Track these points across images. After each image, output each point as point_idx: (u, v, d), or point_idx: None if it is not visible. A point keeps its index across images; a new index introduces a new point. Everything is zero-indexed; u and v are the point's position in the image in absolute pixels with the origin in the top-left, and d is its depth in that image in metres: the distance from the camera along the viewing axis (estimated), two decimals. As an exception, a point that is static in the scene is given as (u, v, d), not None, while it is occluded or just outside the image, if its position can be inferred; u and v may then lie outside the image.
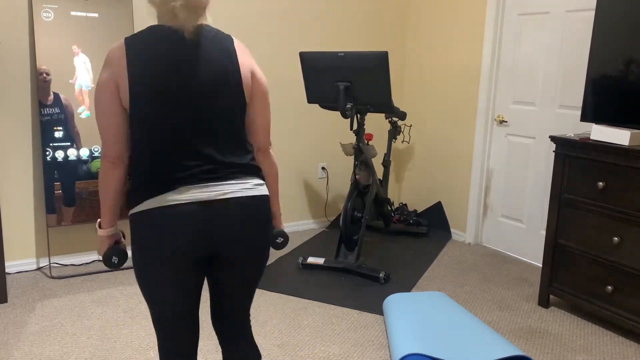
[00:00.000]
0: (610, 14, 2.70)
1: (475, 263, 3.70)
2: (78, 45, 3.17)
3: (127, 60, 1.37)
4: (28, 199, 3.26)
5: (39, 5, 3.06)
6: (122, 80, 1.37)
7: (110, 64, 1.40)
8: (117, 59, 1.39)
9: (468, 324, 2.61)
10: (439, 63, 4.28)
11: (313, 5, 4.08)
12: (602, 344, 2.65)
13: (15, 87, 3.14)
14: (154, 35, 1.40)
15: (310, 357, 2.44)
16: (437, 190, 4.39)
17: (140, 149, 1.42)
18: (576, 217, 2.83)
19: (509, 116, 3.81)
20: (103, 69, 1.41)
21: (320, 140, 4.32)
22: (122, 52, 1.39)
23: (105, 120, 1.41)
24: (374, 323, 2.79)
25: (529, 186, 3.71)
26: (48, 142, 3.13)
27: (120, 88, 1.38)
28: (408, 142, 4.60)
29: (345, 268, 3.39)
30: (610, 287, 2.67)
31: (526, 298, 3.16)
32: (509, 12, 3.75)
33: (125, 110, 1.41)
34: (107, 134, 1.42)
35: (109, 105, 1.40)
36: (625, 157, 2.58)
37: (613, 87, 2.71)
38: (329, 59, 3.21)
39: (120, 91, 1.38)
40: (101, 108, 1.41)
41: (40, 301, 2.91)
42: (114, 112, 1.40)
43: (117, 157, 1.43)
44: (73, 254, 3.43)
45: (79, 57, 3.18)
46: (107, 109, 1.40)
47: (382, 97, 3.20)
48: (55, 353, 2.41)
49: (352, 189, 3.50)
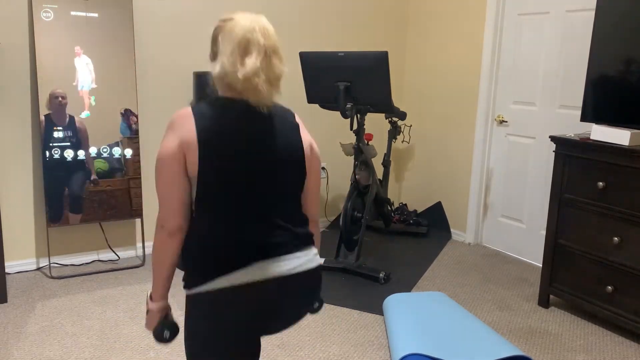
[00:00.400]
0: (610, 14, 2.70)
1: (475, 263, 3.70)
2: (80, 46, 3.17)
3: (197, 128, 1.30)
4: (28, 199, 3.26)
5: (39, 5, 3.06)
6: (190, 146, 1.29)
7: (178, 131, 1.31)
8: (186, 126, 1.31)
9: (468, 324, 2.61)
10: (439, 63, 4.28)
11: (313, 5, 4.08)
12: (602, 344, 2.65)
13: (15, 87, 3.14)
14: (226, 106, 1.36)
15: (310, 357, 2.44)
16: (437, 190, 4.39)
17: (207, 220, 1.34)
18: (576, 217, 2.83)
19: (509, 116, 3.81)
20: (168, 135, 1.32)
21: (320, 140, 4.32)
22: (191, 120, 1.31)
23: (169, 190, 1.32)
24: (374, 323, 2.79)
25: (529, 186, 3.71)
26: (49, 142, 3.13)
27: (188, 154, 1.30)
28: (408, 142, 4.60)
29: (345, 268, 3.39)
30: (610, 287, 2.67)
31: (526, 298, 3.16)
32: (509, 12, 3.75)
33: (189, 180, 1.33)
34: (168, 205, 1.33)
35: (175, 174, 1.31)
36: (625, 157, 2.58)
37: (613, 87, 2.71)
38: (329, 59, 3.21)
39: (187, 158, 1.31)
40: (165, 177, 1.32)
41: (40, 301, 2.91)
42: (179, 182, 1.32)
43: (177, 229, 1.35)
44: (73, 254, 3.43)
45: (80, 58, 3.18)
46: (172, 178, 1.31)
47: (382, 97, 3.20)
48: (55, 353, 2.41)
49: (352, 189, 3.50)
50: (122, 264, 3.45)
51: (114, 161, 3.32)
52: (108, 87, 3.27)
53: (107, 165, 3.30)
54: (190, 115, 1.33)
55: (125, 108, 3.33)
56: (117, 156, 3.33)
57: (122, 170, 3.35)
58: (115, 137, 3.31)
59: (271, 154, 1.37)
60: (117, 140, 3.32)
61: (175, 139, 1.31)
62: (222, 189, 1.32)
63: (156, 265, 1.39)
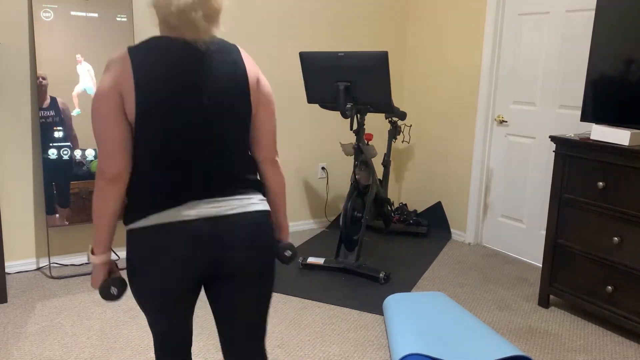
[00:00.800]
0: (610, 14, 2.70)
1: (475, 263, 3.70)
2: (81, 53, 3.17)
3: (133, 69, 1.26)
4: (28, 199, 3.26)
5: (39, 5, 3.06)
6: (127, 89, 1.26)
7: (114, 72, 1.28)
8: (122, 67, 1.27)
9: (468, 324, 2.61)
10: (439, 63, 4.28)
11: (313, 6, 4.08)
12: (602, 344, 2.65)
13: (15, 87, 3.14)
14: (162, 45, 1.31)
15: (310, 357, 2.44)
16: (437, 190, 4.39)
17: (145, 162, 1.32)
18: (576, 217, 2.83)
19: (509, 116, 3.81)
20: (104, 77, 1.29)
21: (320, 140, 4.32)
22: (127, 61, 1.28)
23: (106, 133, 1.28)
24: (374, 323, 2.79)
25: (529, 186, 3.71)
26: (48, 142, 3.13)
27: (125, 98, 1.27)
28: (408, 142, 4.60)
29: (345, 268, 3.39)
30: (610, 287, 2.67)
31: (526, 298, 3.15)
32: (509, 12, 3.75)
33: (128, 123, 1.30)
34: (107, 149, 1.29)
35: (111, 116, 1.27)
36: (625, 157, 2.58)
37: (613, 87, 2.71)
38: (329, 59, 3.21)
39: (124, 101, 1.27)
40: (101, 120, 1.28)
41: (40, 301, 2.91)
42: (117, 124, 1.28)
43: (118, 175, 1.30)
44: (73, 254, 3.43)
45: (82, 65, 3.18)
46: (108, 120, 1.27)
47: (382, 97, 3.20)
48: (55, 353, 2.41)
49: (352, 189, 3.50)
50: (122, 264, 3.45)
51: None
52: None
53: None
54: (126, 57, 1.28)
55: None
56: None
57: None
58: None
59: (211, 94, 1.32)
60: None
61: (111, 80, 1.27)
62: (160, 132, 1.30)
63: (97, 216, 1.34)
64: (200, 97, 1.32)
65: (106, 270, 1.41)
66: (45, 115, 3.13)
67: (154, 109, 1.28)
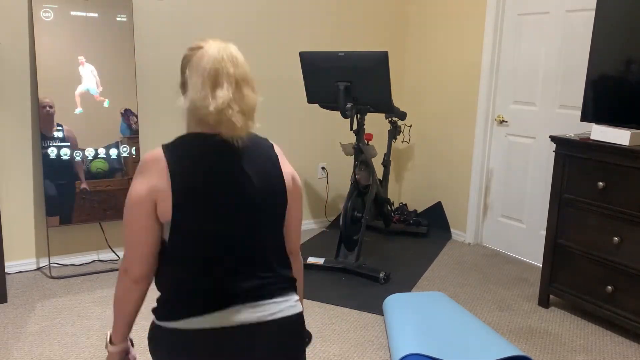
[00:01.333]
0: (610, 14, 2.70)
1: (475, 263, 3.70)
2: (81, 53, 3.17)
3: (170, 173, 1.24)
4: (28, 199, 3.26)
5: (39, 5, 3.06)
6: (163, 195, 1.24)
7: (149, 177, 1.26)
8: (157, 171, 1.25)
9: (468, 324, 2.61)
10: (439, 63, 4.28)
11: (313, 5, 4.08)
12: (602, 344, 2.65)
13: (15, 87, 3.14)
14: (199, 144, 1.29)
15: (310, 357, 2.44)
16: (437, 191, 4.39)
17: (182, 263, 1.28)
18: (576, 217, 2.83)
19: (509, 116, 3.81)
20: (138, 181, 1.26)
21: (320, 140, 4.32)
22: (163, 163, 1.25)
23: (138, 236, 1.27)
24: (374, 323, 2.79)
25: (529, 186, 3.71)
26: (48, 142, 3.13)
27: (160, 202, 1.25)
28: (408, 142, 4.60)
29: (345, 268, 3.39)
30: (610, 287, 2.67)
31: (526, 298, 3.16)
32: (509, 12, 3.75)
33: (159, 225, 1.27)
34: (134, 251, 1.28)
35: (144, 222, 1.25)
36: (625, 157, 2.58)
37: (613, 87, 2.71)
38: (329, 59, 3.21)
39: (158, 205, 1.25)
40: (133, 225, 1.26)
41: (40, 301, 2.91)
42: (148, 229, 1.26)
43: (144, 277, 1.29)
44: (73, 254, 3.43)
45: (85, 66, 3.19)
46: (140, 226, 1.26)
47: (382, 97, 3.20)
48: (55, 353, 2.41)
49: (352, 189, 3.50)
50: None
51: (113, 161, 3.32)
52: (108, 87, 3.27)
53: (107, 165, 3.30)
54: (161, 158, 1.26)
55: (125, 108, 3.33)
56: (117, 156, 3.33)
57: (122, 170, 3.35)
58: (115, 137, 3.31)
59: (249, 193, 1.30)
60: (117, 140, 3.32)
61: (146, 185, 1.25)
62: (198, 234, 1.27)
63: (118, 311, 1.34)
64: (239, 197, 1.29)
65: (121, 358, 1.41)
66: (52, 145, 3.14)
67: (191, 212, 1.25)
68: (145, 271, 1.29)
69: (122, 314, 1.35)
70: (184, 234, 1.26)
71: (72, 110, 3.19)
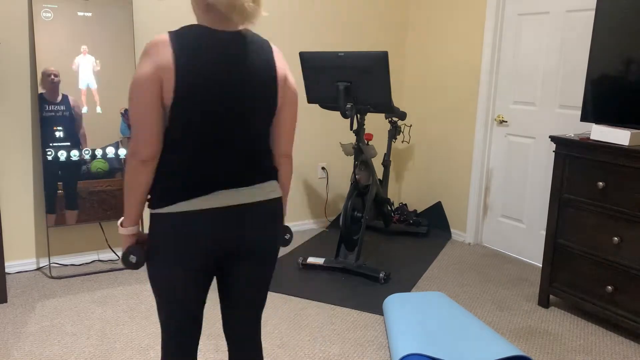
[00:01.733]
0: (610, 14, 2.70)
1: (475, 263, 3.70)
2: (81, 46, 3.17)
3: (174, 54, 1.29)
4: (28, 199, 3.26)
5: (39, 5, 3.06)
6: (167, 75, 1.29)
7: (155, 56, 1.29)
8: (162, 51, 1.29)
9: (468, 324, 2.61)
10: (439, 63, 4.28)
11: (313, 6, 4.08)
12: (602, 344, 2.65)
13: (15, 87, 3.14)
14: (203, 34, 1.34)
15: (310, 357, 2.44)
16: (437, 190, 4.39)
17: (179, 148, 1.37)
18: (576, 217, 2.83)
19: (509, 116, 3.81)
20: (144, 61, 1.31)
21: (320, 140, 4.32)
22: (168, 45, 1.30)
23: (143, 116, 1.31)
24: (374, 323, 2.79)
25: (529, 186, 3.71)
26: (49, 142, 3.14)
27: (164, 83, 1.30)
28: (408, 142, 4.60)
29: (345, 268, 3.39)
30: (610, 287, 2.67)
31: (526, 298, 3.16)
32: (509, 12, 3.75)
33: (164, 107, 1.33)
34: (143, 132, 1.32)
35: (149, 100, 1.30)
36: (625, 157, 2.58)
37: (613, 87, 2.71)
38: (329, 59, 3.21)
39: (163, 85, 1.30)
40: (139, 103, 1.31)
41: (40, 301, 2.91)
42: (154, 110, 1.31)
43: (151, 157, 1.35)
44: (73, 254, 3.43)
45: (85, 57, 3.19)
46: (146, 106, 1.31)
47: (382, 97, 3.20)
48: (55, 353, 2.41)
49: (352, 189, 3.50)
50: (122, 264, 3.45)
51: (113, 161, 3.32)
52: (108, 86, 3.27)
53: (107, 165, 3.30)
54: (167, 41, 1.31)
55: (125, 108, 3.34)
56: (119, 156, 3.32)
57: (122, 170, 3.35)
58: (115, 137, 3.31)
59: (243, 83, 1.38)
60: (117, 140, 3.32)
61: (152, 64, 1.30)
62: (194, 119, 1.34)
63: (129, 193, 1.41)
64: (237, 87, 1.37)
65: (132, 240, 1.48)
66: (55, 110, 3.13)
67: (192, 95, 1.32)
68: (152, 152, 1.35)
69: (132, 195, 1.41)
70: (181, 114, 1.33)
71: (80, 108, 3.19)
